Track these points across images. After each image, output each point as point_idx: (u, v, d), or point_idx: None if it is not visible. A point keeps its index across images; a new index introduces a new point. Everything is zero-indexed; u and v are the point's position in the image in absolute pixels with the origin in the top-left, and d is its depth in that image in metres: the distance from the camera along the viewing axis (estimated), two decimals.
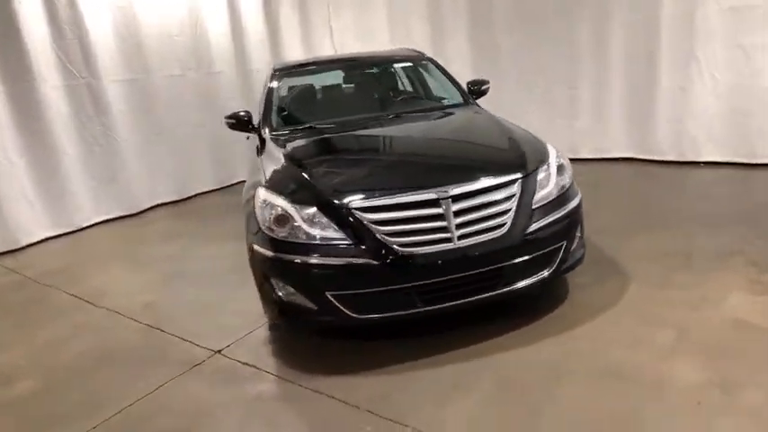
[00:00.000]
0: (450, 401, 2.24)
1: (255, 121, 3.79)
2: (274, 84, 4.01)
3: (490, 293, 2.52)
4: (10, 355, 3.11)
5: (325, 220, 2.48)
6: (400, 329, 2.73)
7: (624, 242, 3.55)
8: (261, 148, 3.49)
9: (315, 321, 2.56)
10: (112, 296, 3.77)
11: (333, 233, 2.45)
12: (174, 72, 6.24)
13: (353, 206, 2.47)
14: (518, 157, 2.76)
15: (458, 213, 2.45)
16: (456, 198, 2.47)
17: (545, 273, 2.62)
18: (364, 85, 4.21)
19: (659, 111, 5.27)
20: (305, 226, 2.49)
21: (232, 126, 3.81)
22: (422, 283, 2.43)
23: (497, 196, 2.54)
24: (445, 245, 2.42)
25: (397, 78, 4.23)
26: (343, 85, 4.27)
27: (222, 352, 2.85)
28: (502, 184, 2.57)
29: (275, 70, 4.15)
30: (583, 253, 2.84)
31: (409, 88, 4.18)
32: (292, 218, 2.52)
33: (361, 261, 2.39)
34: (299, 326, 2.84)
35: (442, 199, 2.46)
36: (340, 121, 3.60)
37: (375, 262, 2.38)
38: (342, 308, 2.45)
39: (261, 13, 7.11)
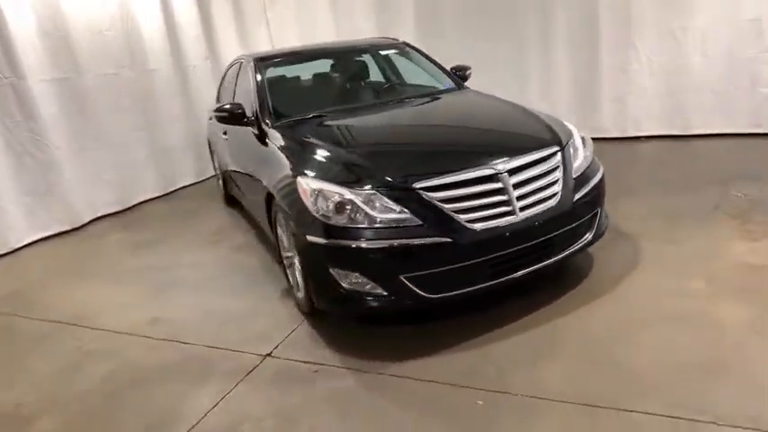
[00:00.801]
0: (540, 364, 2.32)
1: None
2: (261, 74, 3.81)
3: (547, 261, 2.63)
4: (15, 392, 2.68)
5: (389, 202, 2.43)
6: (444, 311, 2.74)
7: (610, 209, 3.85)
8: (262, 140, 3.33)
9: (386, 306, 2.50)
10: (101, 316, 3.38)
11: (399, 215, 2.41)
12: (107, 70, 5.68)
13: (418, 186, 2.45)
14: (551, 132, 2.89)
15: (515, 186, 2.53)
16: (512, 172, 2.55)
17: (589, 237, 2.79)
18: (355, 73, 4.14)
19: (602, 92, 5.75)
20: (369, 210, 2.42)
21: (224, 120, 3.58)
22: (491, 256, 2.48)
23: (546, 167, 2.65)
24: (509, 218, 2.48)
25: (385, 65, 4.22)
26: (335, 74, 4.17)
27: (272, 355, 2.69)
28: (547, 156, 2.69)
29: (258, 60, 3.95)
30: (608, 218, 3.05)
31: (401, 74, 4.17)
32: (354, 203, 2.44)
33: (434, 240, 2.37)
34: (364, 314, 2.75)
35: (500, 174, 2.52)
36: (347, 108, 3.53)
37: (448, 240, 2.38)
38: (416, 289, 2.42)
39: (194, 5, 6.69)
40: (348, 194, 2.46)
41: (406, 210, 2.41)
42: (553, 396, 2.11)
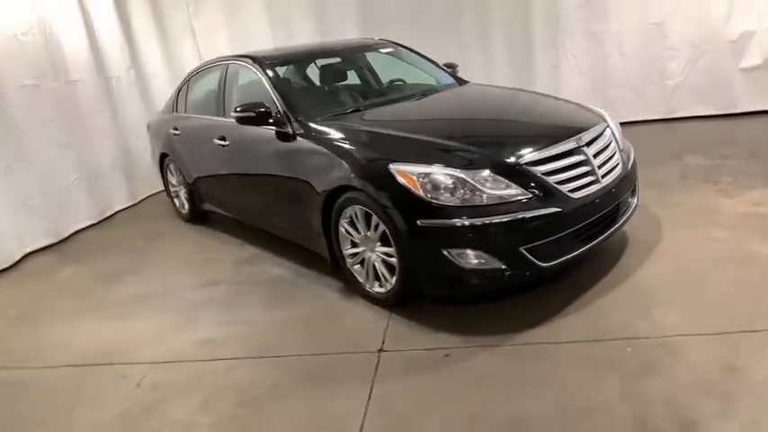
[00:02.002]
0: (651, 310, 2.56)
1: None
2: (275, 74, 3.62)
3: (618, 224, 2.91)
4: None
5: (499, 178, 2.51)
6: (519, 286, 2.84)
7: None
8: (294, 139, 3.20)
9: (506, 280, 2.55)
10: (134, 349, 2.94)
11: (511, 190, 2.50)
12: (26, 81, 4.91)
13: (524, 161, 2.57)
14: (592, 111, 3.20)
15: (594, 157, 2.77)
16: (588, 144, 2.79)
17: (635, 201, 3.13)
18: (363, 70, 4.10)
19: (537, 88, 6.36)
20: (483, 188, 2.48)
21: (250, 121, 3.36)
22: (586, 222, 2.68)
23: (607, 139, 2.94)
24: (595, 186, 2.71)
25: (390, 64, 4.23)
26: (342, 72, 4.07)
27: (384, 350, 2.59)
28: (604, 129, 2.98)
29: (263, 60, 3.74)
30: None
31: (408, 72, 4.21)
32: (468, 183, 2.48)
33: (546, 211, 2.50)
34: (481, 290, 2.75)
35: (581, 146, 2.75)
36: (376, 103, 3.53)
37: (557, 209, 2.53)
38: (533, 260, 2.52)
39: (113, 12, 6.04)
40: (461, 175, 2.50)
41: (515, 185, 2.52)
42: (684, 332, 2.35)
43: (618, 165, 2.91)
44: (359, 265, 3.06)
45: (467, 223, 2.45)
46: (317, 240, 3.30)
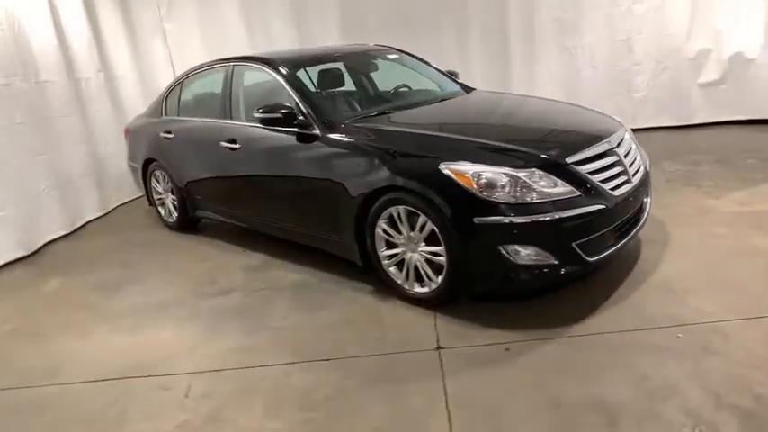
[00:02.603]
0: (686, 299, 2.74)
1: None
2: (295, 76, 3.57)
3: (642, 222, 3.09)
4: None
5: (551, 177, 2.61)
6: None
7: None
8: (324, 139, 3.19)
9: (556, 275, 2.64)
10: (167, 361, 2.79)
11: (561, 188, 2.61)
12: None
13: (570, 161, 2.69)
14: (610, 117, 3.39)
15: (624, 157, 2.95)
16: (618, 145, 2.96)
17: (649, 201, 3.34)
18: (376, 75, 4.10)
19: None
20: (537, 186, 2.57)
21: (276, 122, 3.31)
22: (623, 219, 2.84)
23: (630, 142, 3.13)
24: (628, 185, 2.88)
25: (396, 70, 4.26)
26: (356, 77, 4.06)
27: (442, 347, 2.61)
28: (625, 133, 3.17)
29: (279, 63, 3.68)
30: None
31: (415, 78, 4.25)
32: (522, 181, 2.57)
33: (594, 208, 2.63)
34: (530, 286, 2.83)
35: (613, 148, 2.91)
36: (397, 107, 3.56)
37: (602, 206, 2.66)
38: (583, 255, 2.64)
39: (82, 11, 5.71)
40: (515, 173, 2.58)
41: (564, 183, 2.63)
42: (724, 318, 2.54)
43: (640, 166, 3.10)
44: (395, 267, 3.06)
45: (523, 220, 2.53)
46: (345, 243, 3.27)
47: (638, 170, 3.05)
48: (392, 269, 3.07)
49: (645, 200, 3.15)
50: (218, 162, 4.03)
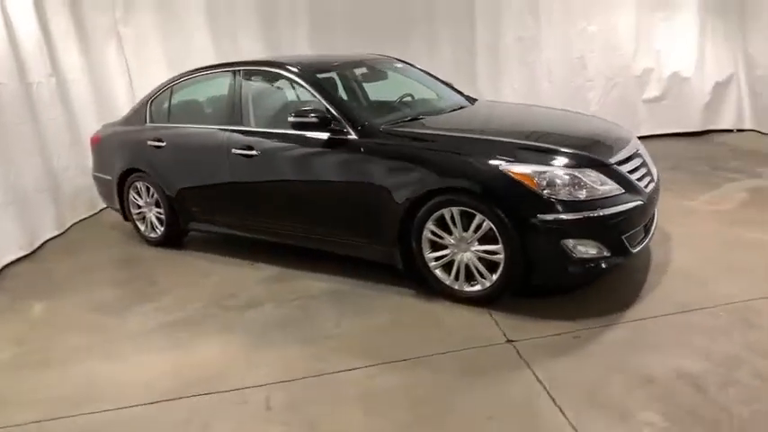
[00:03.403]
0: (709, 284, 3.05)
1: None
2: (316, 82, 3.54)
3: (657, 219, 3.40)
4: None
5: (601, 176, 2.82)
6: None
7: None
8: (362, 145, 3.21)
9: (608, 266, 2.84)
10: (225, 376, 2.63)
11: (609, 186, 2.82)
12: None
13: (612, 161, 2.93)
14: (619, 125, 3.70)
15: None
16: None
17: None
18: (384, 85, 4.13)
19: None
20: (591, 184, 2.77)
21: (311, 127, 3.27)
22: (650, 215, 3.12)
23: (641, 147, 3.45)
24: (652, 183, 3.17)
25: (405, 79, 4.32)
26: (369, 85, 4.06)
27: (512, 340, 2.70)
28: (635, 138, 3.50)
29: (300, 67, 3.63)
30: None
31: (427, 87, 4.33)
32: (579, 179, 2.76)
33: (637, 203, 2.88)
34: (585, 278, 3.00)
35: (638, 150, 3.20)
36: (424, 112, 3.64)
37: (642, 202, 2.92)
38: (628, 246, 2.87)
39: (31, 12, 5.23)
40: (573, 172, 2.77)
41: (611, 181, 2.85)
42: (752, 297, 2.87)
43: (653, 169, 3.43)
44: (441, 269, 3.12)
45: (583, 216, 2.72)
46: (384, 248, 3.28)
47: (653, 172, 3.37)
48: (438, 271, 3.13)
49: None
50: (227, 171, 3.86)
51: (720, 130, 6.98)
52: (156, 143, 4.28)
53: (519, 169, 2.79)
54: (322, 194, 3.47)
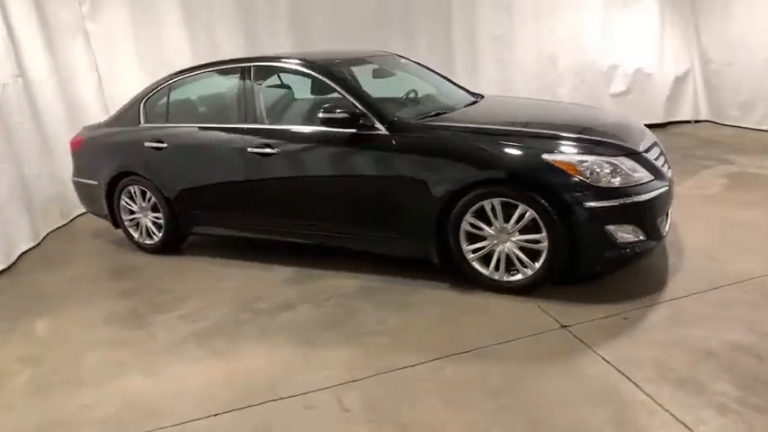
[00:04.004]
0: (729, 262, 3.25)
1: None
2: (340, 78, 3.49)
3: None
4: None
5: (635, 164, 2.95)
6: None
7: None
8: (394, 139, 3.20)
9: (645, 250, 2.97)
10: (287, 380, 2.55)
11: (642, 173, 2.95)
12: None
13: (641, 150, 3.07)
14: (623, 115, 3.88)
15: None
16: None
17: None
18: (393, 81, 4.09)
19: None
20: (628, 171, 2.89)
21: (342, 123, 3.23)
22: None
23: None
24: (670, 169, 3.34)
25: (411, 76, 4.29)
26: (380, 81, 4.01)
27: (565, 325, 2.77)
28: None
29: (321, 64, 3.56)
30: None
31: (434, 84, 4.32)
32: (617, 167, 2.87)
33: (664, 189, 3.03)
34: (624, 262, 3.10)
35: (656, 140, 3.37)
36: (445, 107, 3.66)
37: (668, 187, 3.08)
38: (660, 230, 3.02)
39: None
40: (612, 160, 2.87)
41: (642, 168, 2.98)
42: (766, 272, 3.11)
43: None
44: (478, 261, 3.16)
45: (624, 202, 2.83)
46: (417, 243, 3.28)
47: None
48: (475, 263, 3.16)
49: None
50: (242, 171, 3.71)
51: (680, 122, 7.47)
52: (155, 144, 4.06)
53: (562, 158, 2.87)
54: (350, 191, 3.42)
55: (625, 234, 2.89)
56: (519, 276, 3.08)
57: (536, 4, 6.92)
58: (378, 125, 3.26)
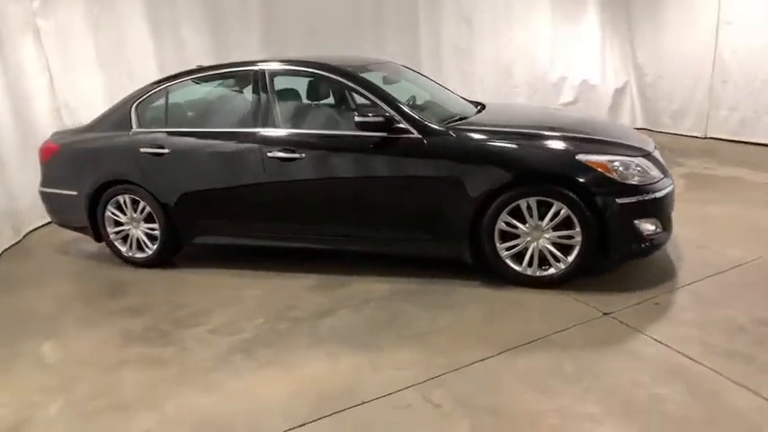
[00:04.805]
0: (720, 250, 3.64)
1: None
2: (367, 83, 3.52)
3: None
4: None
5: (650, 163, 3.24)
6: None
7: None
8: (428, 143, 3.29)
9: (662, 243, 3.26)
10: (358, 389, 2.53)
11: (656, 172, 3.25)
12: None
13: (651, 150, 3.37)
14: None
15: None
16: None
17: None
18: (403, 88, 4.12)
19: None
20: (650, 171, 3.18)
21: (374, 126, 3.27)
22: None
23: None
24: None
25: (413, 85, 4.34)
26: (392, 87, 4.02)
27: (607, 313, 2.98)
28: None
29: (344, 69, 3.57)
30: None
31: (434, 92, 4.39)
32: (641, 166, 3.15)
33: (672, 186, 3.35)
34: (645, 254, 3.33)
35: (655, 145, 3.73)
36: (461, 114, 3.77)
37: (673, 185, 3.41)
38: (671, 223, 3.33)
39: None
40: (637, 160, 3.15)
41: (656, 168, 3.29)
42: (757, 256, 3.51)
43: None
44: (510, 258, 3.30)
45: (650, 197, 3.11)
46: (449, 243, 3.37)
47: None
48: (508, 260, 3.31)
49: None
50: (260, 177, 3.59)
51: None
52: (154, 150, 3.81)
53: (595, 158, 3.09)
54: (382, 194, 3.43)
55: (648, 227, 3.17)
56: (552, 271, 3.26)
57: (494, 19, 7.32)
58: (411, 129, 3.32)
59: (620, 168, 3.10)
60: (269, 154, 3.54)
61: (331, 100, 3.86)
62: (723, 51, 6.65)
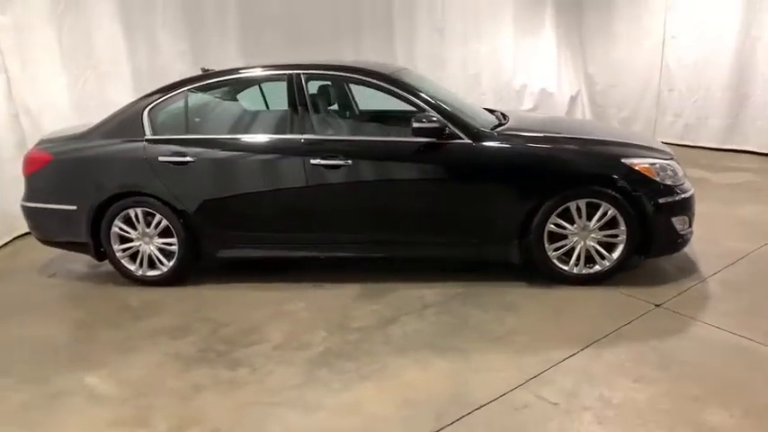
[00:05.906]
0: (721, 242, 4.01)
1: None
2: (414, 89, 3.54)
3: None
4: None
5: (677, 166, 3.53)
6: None
7: None
8: (479, 149, 3.36)
9: (689, 238, 3.51)
10: (473, 393, 2.53)
11: (681, 173, 3.55)
12: None
13: (673, 154, 3.67)
14: None
15: None
16: None
17: None
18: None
19: None
20: (680, 172, 3.46)
21: (429, 132, 3.31)
22: None
23: None
24: None
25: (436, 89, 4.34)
26: None
27: (658, 304, 3.20)
28: None
29: (389, 75, 3.59)
30: None
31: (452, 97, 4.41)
32: (674, 170, 3.43)
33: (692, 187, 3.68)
34: (678, 249, 3.56)
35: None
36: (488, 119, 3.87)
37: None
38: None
39: None
40: (671, 163, 3.43)
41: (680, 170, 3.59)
42: (758, 245, 3.92)
43: None
44: (557, 258, 3.45)
45: (683, 197, 3.39)
46: (500, 245, 3.46)
47: None
48: (555, 260, 3.45)
49: None
50: (303, 185, 3.45)
51: None
52: (176, 159, 3.55)
53: (639, 162, 3.32)
54: (433, 200, 3.45)
55: (682, 224, 3.45)
56: (597, 268, 3.45)
57: (464, 27, 7.55)
58: (462, 135, 3.37)
59: (660, 171, 3.36)
60: (312, 161, 3.42)
61: (379, 105, 3.81)
62: (669, 62, 7.35)
